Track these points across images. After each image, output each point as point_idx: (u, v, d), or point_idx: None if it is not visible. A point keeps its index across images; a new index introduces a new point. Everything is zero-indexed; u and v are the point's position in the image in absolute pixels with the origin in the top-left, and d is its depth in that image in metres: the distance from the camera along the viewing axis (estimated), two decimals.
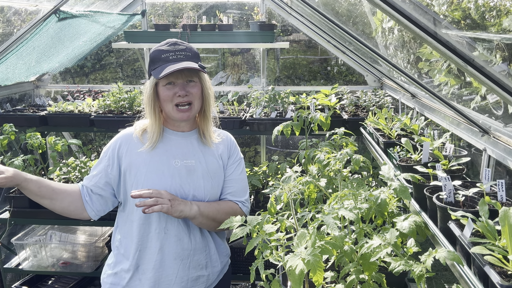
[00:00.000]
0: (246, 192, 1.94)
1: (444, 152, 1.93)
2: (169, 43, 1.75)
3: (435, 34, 1.25)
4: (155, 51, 1.74)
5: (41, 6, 3.19)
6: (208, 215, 1.74)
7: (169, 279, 1.77)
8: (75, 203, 1.77)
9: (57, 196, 1.72)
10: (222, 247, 1.94)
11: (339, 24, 2.55)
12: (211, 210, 1.76)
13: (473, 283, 1.15)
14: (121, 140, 1.82)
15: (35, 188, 1.67)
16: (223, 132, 1.96)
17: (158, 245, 1.75)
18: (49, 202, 1.72)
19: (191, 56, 1.74)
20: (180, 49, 1.74)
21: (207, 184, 1.80)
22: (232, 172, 1.89)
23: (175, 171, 1.76)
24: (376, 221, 1.55)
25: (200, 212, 1.71)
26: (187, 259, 1.78)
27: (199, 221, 1.74)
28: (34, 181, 1.67)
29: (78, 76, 5.99)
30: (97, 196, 1.80)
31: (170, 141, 1.81)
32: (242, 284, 3.45)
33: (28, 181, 1.65)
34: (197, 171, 1.79)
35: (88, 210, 1.79)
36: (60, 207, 1.75)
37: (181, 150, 1.80)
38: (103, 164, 1.81)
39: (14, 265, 3.12)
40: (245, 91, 4.56)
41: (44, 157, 3.28)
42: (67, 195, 1.75)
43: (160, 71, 1.66)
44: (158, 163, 1.75)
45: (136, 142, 1.80)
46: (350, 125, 2.94)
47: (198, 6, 5.55)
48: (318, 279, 1.22)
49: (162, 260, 1.75)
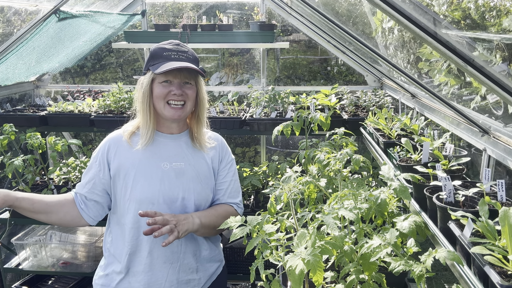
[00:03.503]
0: (239, 194, 1.94)
1: (444, 152, 1.93)
2: (172, 43, 1.76)
3: (435, 34, 1.25)
4: (157, 48, 1.73)
5: (41, 6, 3.19)
6: (209, 225, 1.74)
7: (159, 283, 1.76)
8: (71, 212, 1.76)
9: (51, 209, 1.71)
10: (214, 250, 1.92)
11: (339, 24, 2.55)
12: (211, 218, 1.76)
13: (473, 283, 1.15)
14: (110, 143, 1.80)
15: (28, 206, 1.66)
16: (214, 134, 1.95)
17: (148, 248, 1.73)
18: (45, 217, 1.71)
19: (192, 59, 1.75)
20: (183, 50, 1.74)
21: (197, 187, 1.78)
22: (226, 175, 1.89)
23: (164, 173, 1.74)
24: (376, 221, 1.55)
25: (202, 224, 1.71)
26: (176, 262, 1.77)
27: (201, 232, 1.75)
28: (26, 198, 1.66)
29: (78, 76, 5.99)
30: (93, 202, 1.78)
31: (159, 143, 1.79)
32: (242, 284, 3.45)
33: (20, 200, 1.64)
34: (186, 174, 1.77)
35: (85, 217, 1.78)
36: (57, 218, 1.74)
37: (170, 153, 1.78)
38: (94, 169, 1.78)
39: (14, 265, 3.11)
40: (245, 91, 4.56)
41: (44, 157, 3.28)
42: (61, 206, 1.74)
43: (158, 66, 1.66)
44: (146, 166, 1.74)
45: (125, 145, 1.78)
46: (350, 125, 2.94)
47: (198, 6, 5.55)
48: (318, 279, 1.22)
49: (152, 264, 1.74)
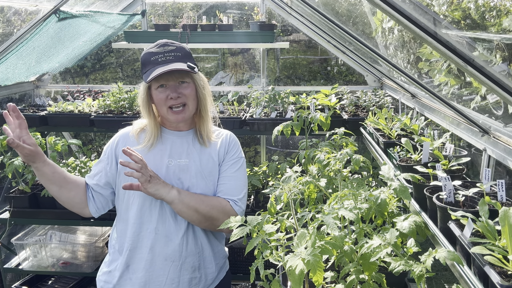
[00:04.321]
0: (240, 192, 1.83)
1: (444, 152, 1.93)
2: (159, 45, 1.72)
3: (435, 34, 1.25)
4: (145, 54, 1.72)
5: (41, 6, 3.19)
6: (189, 204, 1.68)
7: (159, 280, 1.75)
8: (80, 195, 1.78)
9: (66, 185, 1.73)
10: (219, 249, 1.90)
11: (339, 24, 2.55)
12: (194, 199, 1.70)
13: (473, 283, 1.15)
14: (119, 138, 1.83)
15: (49, 172, 1.67)
16: (224, 131, 1.93)
17: (149, 244, 1.73)
18: (57, 189, 1.72)
19: (181, 56, 1.71)
20: (169, 50, 1.70)
21: (201, 184, 1.77)
22: (227, 169, 1.83)
23: (168, 170, 1.75)
24: (376, 221, 1.55)
25: (180, 198, 1.66)
26: (178, 261, 1.75)
27: (178, 208, 1.68)
28: (51, 165, 1.68)
29: (78, 76, 5.99)
30: (98, 194, 1.81)
31: (166, 140, 1.80)
32: (242, 284, 3.45)
33: (46, 163, 1.66)
34: (190, 171, 1.77)
35: (90, 206, 1.80)
36: (66, 196, 1.75)
37: (175, 150, 1.79)
38: (103, 163, 1.82)
39: (14, 265, 3.12)
40: (245, 91, 4.56)
41: None
42: (75, 186, 1.77)
43: (149, 74, 1.65)
44: (151, 162, 1.74)
45: (133, 141, 1.80)
46: (350, 125, 2.94)
47: (198, 6, 5.55)
48: (318, 279, 1.22)
49: (153, 260, 1.74)
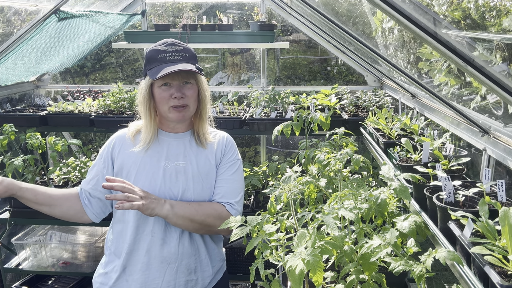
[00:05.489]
0: (237, 195, 1.82)
1: (444, 152, 1.93)
2: (166, 43, 1.71)
3: (435, 34, 1.25)
4: (151, 50, 1.70)
5: (41, 6, 3.19)
6: (183, 216, 1.66)
7: (155, 282, 1.74)
8: (74, 207, 1.77)
9: (55, 202, 1.72)
10: (216, 251, 1.89)
11: (339, 24, 2.55)
12: (188, 210, 1.68)
13: (473, 283, 1.15)
14: (115, 140, 1.81)
15: (31, 196, 1.66)
16: (221, 132, 1.92)
17: (146, 247, 1.73)
18: (48, 209, 1.72)
19: (188, 57, 1.71)
20: (178, 50, 1.70)
21: (197, 186, 1.76)
22: (224, 172, 1.82)
23: (165, 172, 1.74)
24: (376, 221, 1.55)
25: (174, 212, 1.64)
26: (174, 263, 1.74)
27: (173, 221, 1.67)
28: (30, 189, 1.66)
29: (78, 76, 5.99)
30: (96, 199, 1.79)
31: (163, 142, 1.78)
32: (242, 284, 3.45)
33: (24, 190, 1.64)
34: (187, 173, 1.75)
35: (88, 214, 1.79)
36: (60, 212, 1.75)
37: (172, 152, 1.77)
38: (99, 166, 1.79)
39: (14, 265, 3.11)
40: (245, 91, 4.56)
41: (44, 157, 3.28)
42: (65, 200, 1.75)
43: (156, 71, 1.63)
44: (148, 164, 1.73)
45: (129, 143, 1.78)
46: (350, 125, 2.94)
47: (198, 6, 5.55)
48: (318, 279, 1.22)
49: (149, 263, 1.73)
